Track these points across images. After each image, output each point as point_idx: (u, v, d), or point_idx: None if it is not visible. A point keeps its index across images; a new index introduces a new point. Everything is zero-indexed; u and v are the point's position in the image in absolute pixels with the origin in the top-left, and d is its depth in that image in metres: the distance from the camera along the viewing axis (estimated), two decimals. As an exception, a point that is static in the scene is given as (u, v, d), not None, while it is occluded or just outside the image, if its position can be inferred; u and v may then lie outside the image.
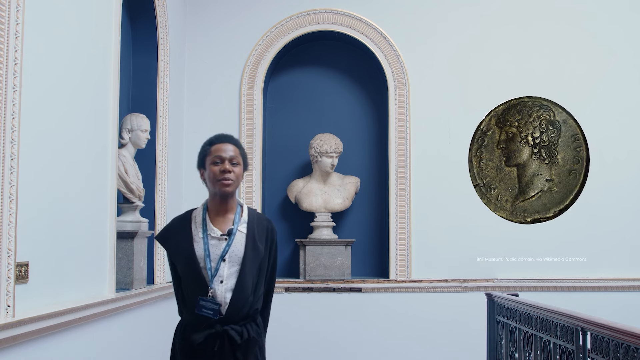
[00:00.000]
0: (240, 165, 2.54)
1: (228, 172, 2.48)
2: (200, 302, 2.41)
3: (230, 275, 2.45)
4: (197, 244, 2.48)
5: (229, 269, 2.46)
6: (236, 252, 2.48)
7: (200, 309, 2.41)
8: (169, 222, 2.68)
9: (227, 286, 2.44)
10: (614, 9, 5.48)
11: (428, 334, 5.17)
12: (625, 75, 5.45)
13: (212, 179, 2.50)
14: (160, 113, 4.51)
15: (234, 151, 2.53)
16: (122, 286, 3.86)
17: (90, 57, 3.27)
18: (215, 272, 2.44)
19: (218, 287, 2.43)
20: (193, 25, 5.43)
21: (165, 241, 2.60)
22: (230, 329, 2.42)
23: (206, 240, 2.48)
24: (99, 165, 3.37)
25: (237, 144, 2.58)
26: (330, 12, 5.43)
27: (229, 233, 2.49)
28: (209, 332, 2.41)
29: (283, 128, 5.67)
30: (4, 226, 2.33)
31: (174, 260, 2.55)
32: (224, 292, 2.44)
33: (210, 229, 2.50)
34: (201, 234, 2.49)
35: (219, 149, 2.52)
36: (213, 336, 2.41)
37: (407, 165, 5.31)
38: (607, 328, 2.45)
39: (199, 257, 2.46)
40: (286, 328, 5.13)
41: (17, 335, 2.38)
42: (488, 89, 5.40)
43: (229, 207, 2.55)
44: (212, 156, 2.52)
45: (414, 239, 5.28)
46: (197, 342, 2.40)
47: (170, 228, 2.62)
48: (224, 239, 2.48)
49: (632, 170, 5.39)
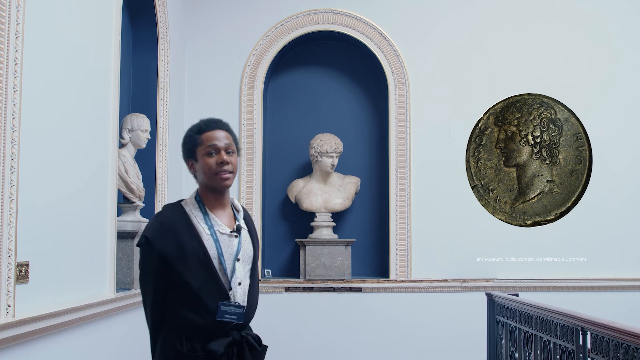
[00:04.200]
0: (235, 153, 2.26)
1: (226, 163, 2.20)
2: (222, 307, 2.13)
3: (245, 276, 2.24)
4: (206, 241, 2.17)
5: (243, 268, 2.24)
6: (247, 251, 2.26)
7: (222, 315, 2.13)
8: (156, 218, 2.24)
9: (245, 288, 2.22)
10: (614, 6, 5.48)
11: (428, 334, 5.17)
12: (627, 74, 5.44)
13: (207, 172, 2.21)
14: (161, 113, 4.51)
15: (228, 138, 2.25)
16: (122, 286, 3.86)
17: (91, 57, 3.27)
18: (232, 273, 2.18)
19: (237, 290, 2.19)
20: (193, 25, 5.44)
21: (161, 238, 2.15)
22: (248, 335, 2.21)
23: (216, 238, 2.19)
24: (100, 165, 3.37)
25: (228, 129, 2.29)
26: (330, 12, 5.43)
27: (237, 229, 2.25)
28: (227, 340, 2.15)
29: (283, 128, 5.67)
30: (4, 226, 2.33)
31: (175, 261, 2.13)
32: (242, 295, 2.21)
33: (217, 224, 2.22)
34: (208, 230, 2.19)
35: (211, 137, 2.22)
36: (231, 344, 2.16)
37: (407, 165, 5.31)
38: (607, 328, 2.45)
39: (213, 256, 2.16)
40: (286, 328, 5.13)
41: (17, 335, 2.38)
42: (488, 88, 5.39)
43: (225, 201, 2.29)
44: (204, 146, 2.22)
45: (414, 239, 5.28)
46: (219, 352, 2.12)
47: (165, 223, 2.19)
48: (234, 236, 2.23)
49: (632, 170, 5.39)
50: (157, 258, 2.14)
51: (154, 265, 2.15)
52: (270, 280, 5.22)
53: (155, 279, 2.16)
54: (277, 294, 5.18)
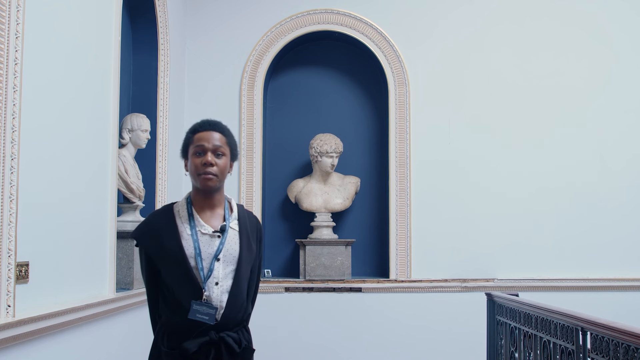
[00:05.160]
0: (225, 156, 2.24)
1: (210, 165, 2.20)
2: (194, 307, 2.14)
3: (226, 276, 2.21)
4: (185, 241, 2.20)
5: (224, 269, 2.21)
6: (231, 251, 2.23)
7: (194, 314, 2.14)
8: (146, 217, 2.38)
9: (223, 288, 2.20)
10: (613, 6, 5.48)
11: (428, 334, 5.17)
12: (627, 74, 5.45)
13: (193, 172, 2.23)
14: (161, 113, 4.51)
15: (220, 140, 2.24)
16: (122, 286, 3.86)
17: (91, 57, 3.27)
18: (209, 273, 2.18)
19: (213, 290, 2.18)
20: (193, 25, 5.44)
21: (144, 238, 2.27)
22: (227, 336, 2.18)
23: (196, 238, 2.20)
24: (100, 165, 3.37)
25: (223, 131, 2.28)
26: (330, 12, 5.43)
27: (221, 230, 2.24)
28: (203, 339, 2.15)
29: (283, 128, 5.67)
30: (4, 226, 2.33)
31: (157, 260, 2.23)
32: (219, 295, 2.18)
33: (200, 224, 2.23)
34: (189, 230, 2.21)
35: (201, 137, 2.23)
36: (208, 344, 2.15)
37: (407, 165, 5.31)
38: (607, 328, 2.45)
39: (189, 255, 2.18)
40: (286, 328, 5.14)
41: (17, 335, 2.38)
42: (488, 88, 5.40)
43: (216, 202, 2.28)
44: (194, 146, 2.23)
45: (414, 239, 5.28)
46: (191, 351, 2.13)
47: (150, 223, 2.29)
48: (216, 236, 2.22)
49: (632, 170, 5.39)
50: (145, 257, 2.28)
51: (144, 264, 2.30)
52: (270, 280, 5.22)
53: (146, 276, 2.31)
54: (277, 294, 5.18)
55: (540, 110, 5.40)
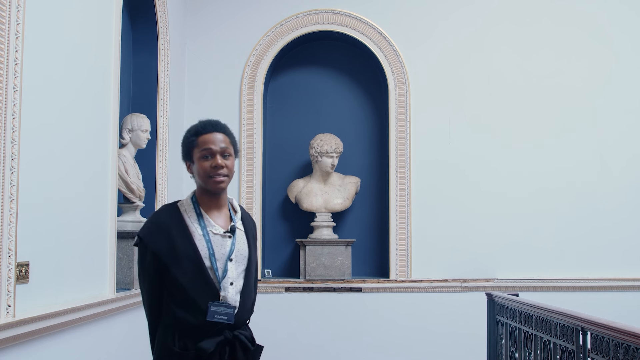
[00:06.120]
0: (232, 157, 2.26)
1: (221, 167, 2.20)
2: (212, 308, 2.14)
3: (238, 276, 2.24)
4: (198, 241, 2.19)
5: (236, 269, 2.23)
6: (241, 252, 2.26)
7: (212, 316, 2.14)
8: (151, 216, 2.30)
9: (237, 288, 2.22)
10: (613, 6, 5.48)
11: (428, 334, 5.17)
12: (627, 74, 5.45)
13: (202, 175, 2.22)
14: (161, 113, 4.51)
15: (225, 141, 2.24)
16: (122, 286, 3.86)
17: (91, 57, 3.27)
18: (224, 274, 2.19)
19: (229, 290, 2.19)
20: (193, 25, 5.44)
21: (154, 238, 2.20)
22: (240, 334, 2.21)
23: (208, 238, 2.20)
24: (100, 165, 3.38)
25: (226, 131, 2.28)
26: (330, 12, 5.43)
27: (231, 230, 2.25)
28: (219, 339, 2.16)
29: (283, 128, 5.67)
30: (4, 226, 2.33)
31: (167, 260, 2.17)
32: (234, 295, 2.21)
33: (211, 224, 2.23)
34: (200, 230, 2.20)
35: (207, 140, 2.22)
36: (223, 343, 2.17)
37: (407, 165, 5.32)
38: (607, 328, 2.45)
39: (204, 256, 2.17)
40: (286, 328, 5.14)
41: (17, 335, 2.38)
42: (488, 88, 5.40)
43: (222, 202, 2.29)
44: (200, 149, 2.22)
45: (414, 239, 5.28)
46: (209, 351, 2.13)
47: (158, 223, 2.23)
48: (227, 237, 2.23)
49: (632, 170, 5.39)
50: (151, 257, 2.20)
51: (148, 264, 2.21)
52: (270, 280, 5.22)
53: (150, 277, 2.21)
54: (277, 294, 5.18)
55: (540, 111, 5.40)
